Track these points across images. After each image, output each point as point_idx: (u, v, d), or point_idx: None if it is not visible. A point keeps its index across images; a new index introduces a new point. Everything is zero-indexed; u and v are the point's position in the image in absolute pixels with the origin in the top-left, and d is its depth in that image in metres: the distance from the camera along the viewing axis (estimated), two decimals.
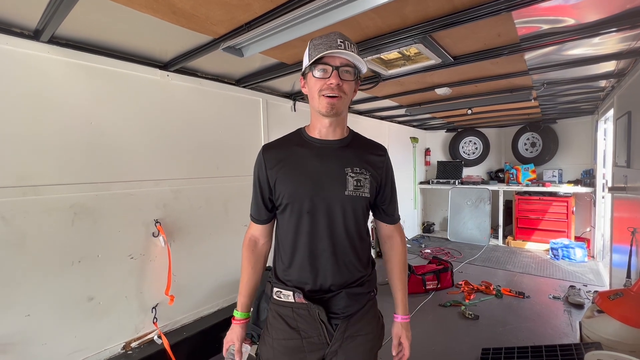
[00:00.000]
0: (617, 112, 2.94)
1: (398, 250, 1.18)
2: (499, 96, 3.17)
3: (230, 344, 1.12)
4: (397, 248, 1.18)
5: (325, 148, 1.04)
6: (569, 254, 4.26)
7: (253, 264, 1.15)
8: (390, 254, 1.19)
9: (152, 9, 1.39)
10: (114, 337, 1.93)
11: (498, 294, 3.23)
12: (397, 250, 1.18)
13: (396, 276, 1.16)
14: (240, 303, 1.14)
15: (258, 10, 1.42)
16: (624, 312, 1.89)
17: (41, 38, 1.57)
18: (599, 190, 4.17)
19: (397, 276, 1.16)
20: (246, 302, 1.14)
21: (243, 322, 1.13)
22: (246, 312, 1.14)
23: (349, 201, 1.00)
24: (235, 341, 1.11)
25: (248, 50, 1.75)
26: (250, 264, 1.15)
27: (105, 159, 1.88)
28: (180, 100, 2.26)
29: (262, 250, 1.18)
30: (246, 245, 1.16)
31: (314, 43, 0.97)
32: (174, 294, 2.15)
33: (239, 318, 1.13)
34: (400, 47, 1.82)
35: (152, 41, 1.82)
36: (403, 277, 1.16)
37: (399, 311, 1.15)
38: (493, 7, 1.39)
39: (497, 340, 2.45)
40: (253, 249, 1.16)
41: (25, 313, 1.59)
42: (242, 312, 1.13)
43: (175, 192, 2.23)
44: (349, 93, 1.00)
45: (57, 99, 1.70)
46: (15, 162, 1.56)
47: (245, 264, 1.15)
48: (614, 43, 1.96)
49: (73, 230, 1.75)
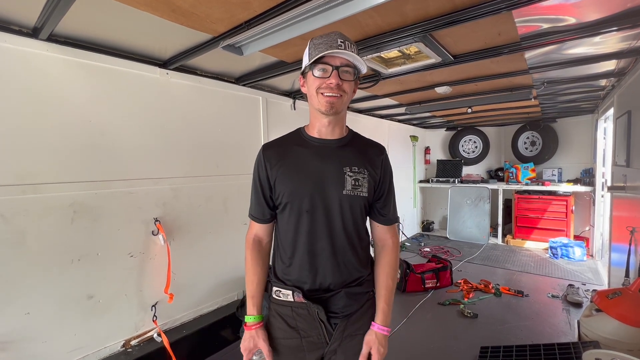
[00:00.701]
0: (617, 111, 2.94)
1: (389, 256, 1.11)
2: (499, 95, 3.16)
3: (254, 351, 1.06)
4: (387, 253, 1.11)
5: (324, 147, 1.04)
6: (568, 253, 4.27)
7: (261, 263, 1.12)
8: (380, 258, 1.12)
9: (151, 7, 1.38)
10: (114, 335, 1.93)
11: (497, 293, 3.24)
12: (388, 256, 1.11)
13: (382, 283, 1.09)
14: (255, 305, 1.08)
15: (258, 8, 1.42)
16: (622, 311, 1.89)
17: (40, 36, 1.56)
18: (599, 189, 4.17)
19: (382, 283, 1.08)
20: (260, 304, 1.09)
21: (262, 324, 1.08)
22: (262, 315, 1.09)
23: (347, 200, 1.00)
24: (263, 345, 1.03)
25: (248, 48, 1.75)
26: (258, 264, 1.11)
27: (104, 157, 1.88)
28: (180, 99, 2.26)
29: (266, 249, 1.16)
30: (250, 246, 1.12)
31: (314, 42, 0.97)
32: (174, 292, 2.15)
33: (256, 322, 1.07)
34: (401, 45, 1.81)
35: (151, 39, 1.81)
36: (389, 284, 1.08)
37: (377, 319, 1.05)
38: (493, 6, 1.39)
39: (496, 339, 2.46)
40: (259, 249, 1.13)
41: (25, 311, 1.59)
42: (258, 315, 1.08)
43: (175, 190, 2.23)
44: (349, 92, 0.99)
45: (56, 97, 1.70)
46: (15, 161, 1.56)
47: (253, 265, 1.11)
48: (615, 42, 1.96)
49: (73, 228, 1.75)
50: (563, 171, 5.08)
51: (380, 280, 1.10)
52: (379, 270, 1.11)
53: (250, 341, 1.05)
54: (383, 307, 1.06)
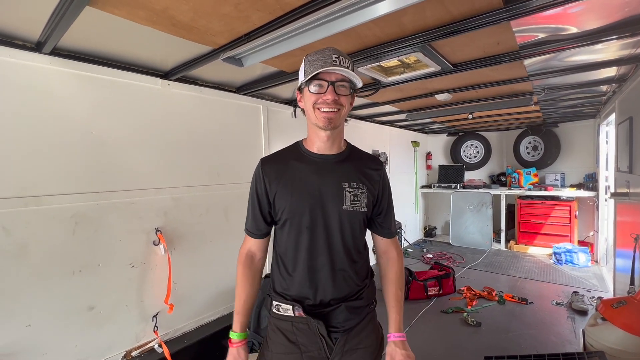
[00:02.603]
0: (619, 117, 2.93)
1: (394, 267, 1.14)
2: (499, 101, 3.16)
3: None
4: (393, 264, 1.14)
5: (323, 163, 1.05)
6: (572, 259, 4.23)
7: (251, 281, 1.12)
8: (386, 270, 1.14)
9: (152, 21, 1.40)
10: (115, 346, 1.93)
11: (500, 300, 3.21)
12: (394, 266, 1.14)
13: (391, 295, 1.10)
14: (240, 323, 1.09)
15: (257, 21, 1.43)
16: (628, 321, 1.87)
17: (43, 50, 1.58)
18: (602, 194, 4.14)
19: (391, 295, 1.10)
20: (245, 322, 1.10)
21: (244, 342, 1.09)
22: (246, 332, 1.10)
23: (346, 216, 1.01)
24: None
25: (248, 60, 1.76)
26: (247, 281, 1.11)
27: (106, 168, 1.89)
28: (181, 109, 2.27)
29: (258, 266, 1.15)
30: (242, 261, 1.12)
31: (309, 59, 0.97)
32: (175, 302, 2.15)
33: (239, 339, 1.08)
34: (400, 55, 1.82)
35: (152, 51, 1.83)
36: (399, 295, 1.10)
37: (392, 330, 1.07)
38: (492, 17, 1.39)
39: (500, 348, 2.43)
40: (250, 265, 1.13)
41: (26, 323, 1.59)
42: (241, 333, 1.09)
43: (176, 200, 2.24)
44: (346, 105, 1.00)
45: (59, 109, 1.71)
46: (17, 173, 1.57)
47: (242, 281, 1.11)
48: (615, 49, 1.95)
49: (74, 239, 1.76)
50: (566, 176, 5.05)
51: (389, 292, 1.11)
52: (388, 283, 1.13)
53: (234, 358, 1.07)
54: (395, 317, 1.07)
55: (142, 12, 1.32)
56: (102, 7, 1.27)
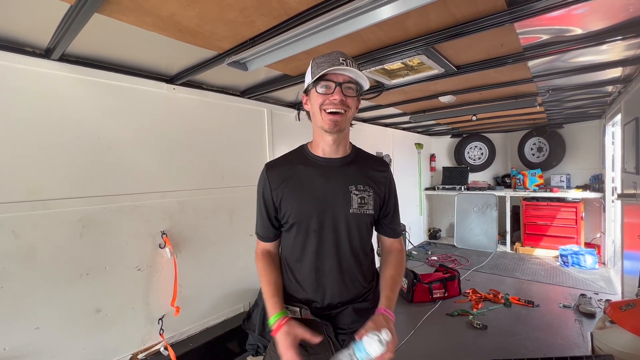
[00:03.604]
0: (625, 118, 2.91)
1: (395, 255, 1.13)
2: (503, 103, 3.15)
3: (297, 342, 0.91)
4: (394, 254, 1.14)
5: (329, 166, 1.05)
6: (579, 261, 4.18)
7: (273, 267, 1.09)
8: (386, 259, 1.14)
9: (158, 27, 1.42)
10: (121, 349, 1.94)
11: (507, 303, 3.18)
12: (394, 255, 1.13)
13: (385, 274, 1.06)
14: (273, 304, 0.99)
15: (261, 26, 1.44)
16: (637, 324, 1.84)
17: (52, 56, 1.61)
18: (609, 195, 4.09)
19: (386, 274, 1.06)
20: (280, 302, 1.00)
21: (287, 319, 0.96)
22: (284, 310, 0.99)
23: (353, 219, 1.01)
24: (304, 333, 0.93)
25: (252, 64, 1.78)
26: (270, 267, 1.08)
27: (112, 172, 1.91)
28: (186, 112, 2.30)
29: (275, 259, 1.14)
30: (260, 257, 1.12)
31: (316, 62, 0.98)
32: (181, 304, 2.16)
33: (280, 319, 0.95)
34: (403, 58, 1.83)
35: (158, 56, 1.86)
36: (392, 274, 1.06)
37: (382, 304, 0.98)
38: (496, 19, 1.39)
39: (506, 351, 2.40)
40: (268, 257, 1.11)
41: (35, 326, 1.61)
42: (279, 312, 0.97)
43: (182, 203, 2.25)
44: (352, 108, 1.01)
45: (66, 114, 1.74)
46: (26, 177, 1.60)
47: (264, 269, 1.08)
48: (620, 50, 1.95)
49: (81, 243, 1.78)
50: (571, 177, 5.01)
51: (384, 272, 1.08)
52: (384, 267, 1.11)
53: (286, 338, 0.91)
54: (388, 294, 1.01)
55: (148, 18, 1.34)
56: (110, 14, 1.29)
